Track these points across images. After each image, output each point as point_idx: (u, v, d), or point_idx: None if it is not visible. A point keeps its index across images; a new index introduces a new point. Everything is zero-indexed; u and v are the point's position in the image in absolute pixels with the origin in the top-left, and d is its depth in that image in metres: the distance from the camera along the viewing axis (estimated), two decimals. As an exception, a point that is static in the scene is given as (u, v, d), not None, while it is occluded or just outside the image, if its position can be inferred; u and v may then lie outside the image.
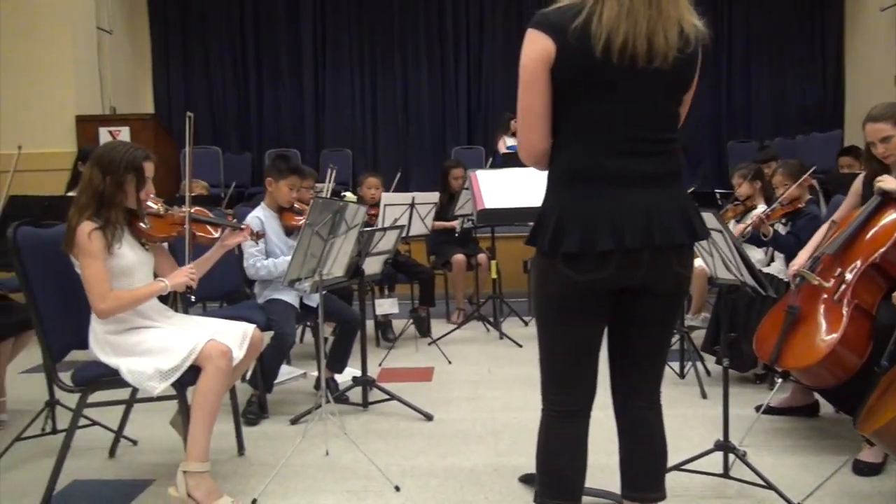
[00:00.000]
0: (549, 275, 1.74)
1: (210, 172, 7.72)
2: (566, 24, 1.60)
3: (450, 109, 8.79)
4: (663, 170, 1.70)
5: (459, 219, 5.21)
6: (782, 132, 8.45)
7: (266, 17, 8.67)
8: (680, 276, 1.75)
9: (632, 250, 1.65)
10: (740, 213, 4.16)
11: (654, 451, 1.88)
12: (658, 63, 1.62)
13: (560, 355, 1.80)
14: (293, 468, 2.75)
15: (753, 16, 8.70)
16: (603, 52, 1.59)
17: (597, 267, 1.67)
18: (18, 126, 6.62)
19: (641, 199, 1.66)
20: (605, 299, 1.74)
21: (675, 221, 1.69)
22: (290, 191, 3.58)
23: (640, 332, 1.81)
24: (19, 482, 2.71)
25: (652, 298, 1.75)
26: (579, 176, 1.69)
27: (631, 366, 1.85)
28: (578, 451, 1.82)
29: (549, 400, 1.83)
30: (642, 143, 1.68)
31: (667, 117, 1.73)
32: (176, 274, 2.56)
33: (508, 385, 3.85)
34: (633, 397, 1.86)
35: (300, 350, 4.66)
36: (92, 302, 2.38)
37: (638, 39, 1.59)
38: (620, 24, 1.59)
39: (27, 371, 4.18)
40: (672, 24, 1.62)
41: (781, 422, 3.18)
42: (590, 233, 1.65)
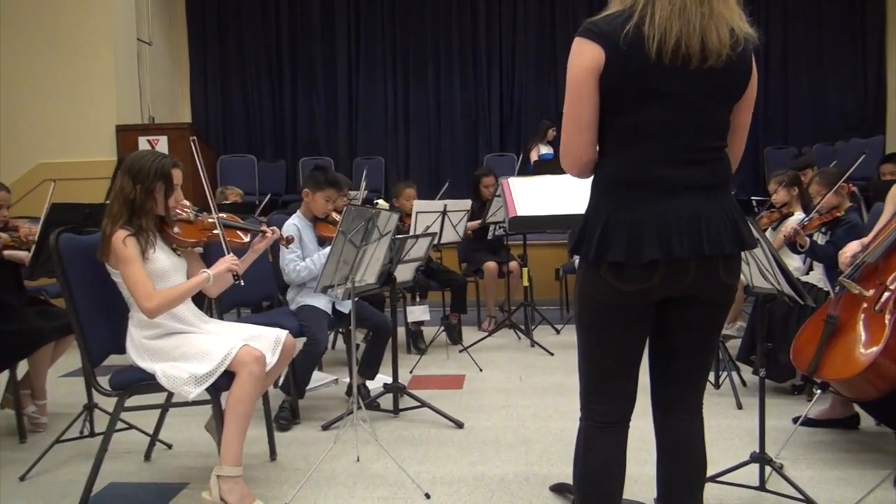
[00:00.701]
0: (594, 284, 1.71)
1: (245, 180, 7.85)
2: (617, 31, 1.58)
3: (482, 117, 8.81)
4: (712, 178, 1.67)
5: (491, 226, 5.21)
6: (821, 138, 8.28)
7: (301, 29, 8.79)
8: (726, 285, 1.72)
9: (679, 260, 1.63)
10: (776, 220, 4.08)
11: (695, 465, 1.83)
12: (711, 61, 1.59)
13: (602, 365, 1.78)
14: (324, 474, 2.77)
15: (791, 19, 8.56)
16: (657, 54, 1.57)
17: (643, 277, 1.65)
18: (61, 135, 6.82)
19: (690, 207, 1.63)
20: (649, 309, 1.72)
21: (724, 231, 1.65)
22: (326, 203, 3.62)
23: (685, 340, 1.78)
24: (58, 483, 2.77)
25: (697, 306, 1.73)
26: (627, 184, 1.66)
27: (674, 375, 1.82)
28: (617, 462, 1.79)
29: (590, 409, 1.80)
30: (692, 150, 1.65)
31: (717, 124, 1.69)
32: (218, 263, 2.58)
33: (540, 393, 3.83)
34: (675, 408, 1.83)
35: (332, 356, 4.69)
36: (139, 303, 2.42)
37: (691, 38, 1.57)
38: (673, 23, 1.56)
39: (67, 375, 4.28)
40: (723, 23, 1.59)
41: (820, 434, 3.11)
42: (636, 242, 1.62)
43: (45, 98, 6.88)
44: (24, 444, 3.20)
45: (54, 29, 6.86)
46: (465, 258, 5.69)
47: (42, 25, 6.85)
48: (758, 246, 2.27)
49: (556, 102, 8.59)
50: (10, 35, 6.85)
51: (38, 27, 6.85)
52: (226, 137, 8.84)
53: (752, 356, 3.63)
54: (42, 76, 6.86)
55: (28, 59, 6.86)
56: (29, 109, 6.88)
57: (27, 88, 6.87)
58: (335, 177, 3.77)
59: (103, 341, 2.58)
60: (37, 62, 6.86)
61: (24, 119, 6.88)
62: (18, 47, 6.86)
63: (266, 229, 2.88)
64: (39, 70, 6.86)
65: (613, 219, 1.65)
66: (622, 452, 1.80)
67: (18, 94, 6.88)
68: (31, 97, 6.88)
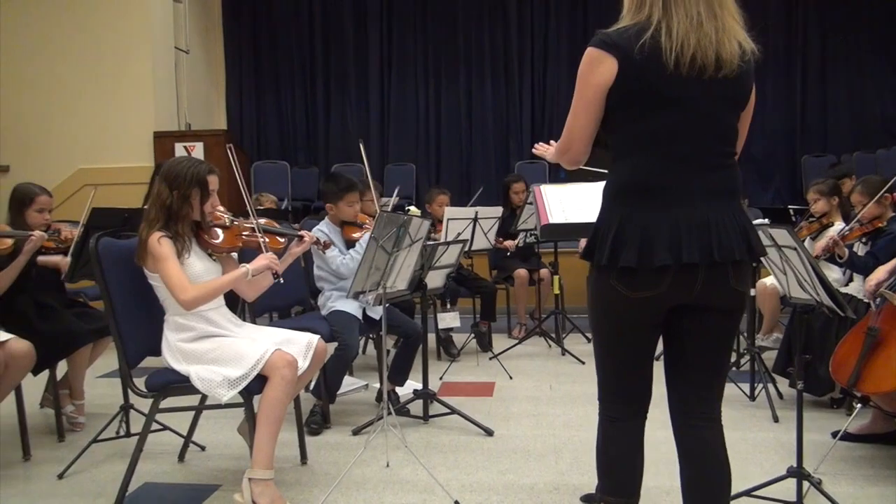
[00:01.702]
0: (603, 289, 1.75)
1: (278, 186, 7.93)
2: (631, 42, 1.63)
3: (513, 124, 8.79)
4: (723, 185, 1.71)
5: (521, 234, 5.19)
6: (861, 146, 8.08)
7: (334, 36, 8.88)
8: (737, 293, 1.73)
9: (689, 265, 1.65)
10: (815, 230, 3.99)
11: (716, 473, 1.82)
12: (726, 71, 1.65)
13: (614, 366, 1.85)
14: (354, 479, 2.78)
15: (829, 24, 8.38)
16: (675, 65, 1.62)
17: (651, 284, 1.68)
18: (100, 141, 6.98)
19: (701, 213, 1.66)
20: (658, 315, 1.75)
21: (735, 237, 1.68)
22: (350, 208, 3.64)
23: (697, 348, 1.80)
24: (95, 482, 2.82)
25: (708, 315, 1.75)
26: (639, 189, 1.70)
27: (689, 384, 1.83)
28: (634, 452, 1.85)
29: (605, 406, 1.88)
30: (704, 156, 1.69)
31: (727, 131, 1.74)
32: (257, 259, 2.60)
33: (570, 402, 3.80)
34: (691, 416, 1.83)
35: (362, 362, 4.71)
36: (175, 296, 2.45)
37: (707, 50, 1.63)
38: (691, 35, 1.63)
39: (104, 375, 4.37)
40: (733, 36, 1.67)
41: (861, 449, 3.03)
42: (647, 247, 1.65)
43: (86, 105, 7.04)
44: (63, 442, 3.27)
45: (95, 39, 7.02)
46: (495, 265, 5.67)
47: (83, 36, 7.02)
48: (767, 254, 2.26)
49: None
50: (53, 44, 7.03)
51: (79, 37, 7.02)
52: (259, 144, 8.94)
53: (788, 368, 3.55)
54: (82, 84, 7.03)
55: (69, 67, 7.04)
56: (70, 116, 7.05)
57: (69, 96, 7.04)
58: (349, 180, 3.78)
59: (140, 343, 2.63)
60: (77, 70, 7.03)
61: (66, 126, 7.05)
62: (60, 56, 7.04)
63: (303, 233, 2.91)
64: (80, 78, 7.03)
65: (626, 224, 1.68)
66: (638, 442, 1.86)
67: (60, 102, 7.05)
68: (72, 104, 7.05)
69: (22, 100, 7.06)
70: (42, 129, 7.08)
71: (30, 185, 3.36)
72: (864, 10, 8.30)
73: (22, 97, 7.06)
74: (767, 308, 4.36)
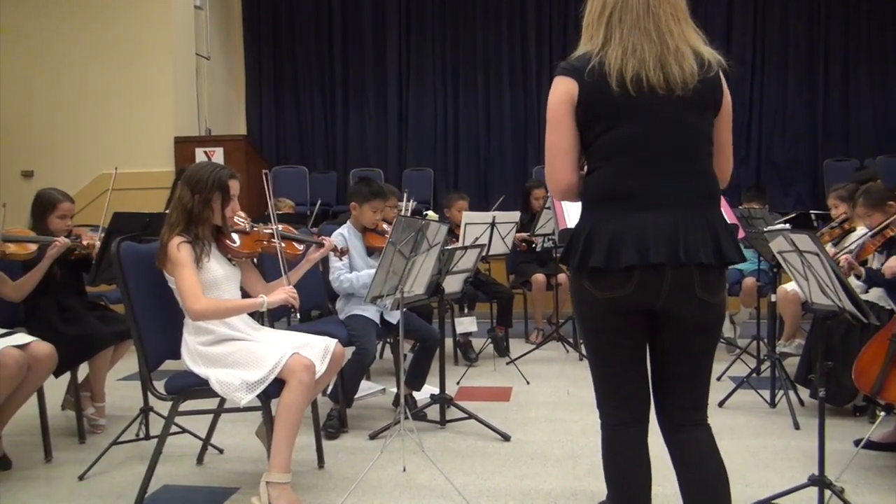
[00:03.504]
0: (579, 293, 1.82)
1: (297, 191, 7.99)
2: (584, 67, 1.73)
3: (531, 128, 8.77)
4: (693, 190, 1.74)
5: (539, 238, 5.18)
6: (885, 150, 7.96)
7: (353, 42, 8.93)
8: (704, 303, 1.74)
9: (655, 266, 1.68)
10: (837, 236, 3.93)
11: (710, 476, 1.81)
12: (679, 91, 1.70)
13: (602, 370, 1.88)
14: (371, 483, 2.78)
15: (852, 24, 8.26)
16: (618, 87, 1.70)
17: (618, 285, 1.72)
18: (122, 147, 7.07)
19: (668, 218, 1.71)
20: (633, 319, 1.78)
21: (703, 241, 1.70)
22: (373, 213, 3.66)
23: (672, 358, 1.83)
24: (115, 484, 2.85)
25: (678, 326, 1.78)
26: (609, 196, 1.76)
27: (667, 391, 1.86)
28: (638, 460, 1.86)
29: (603, 413, 1.90)
30: (670, 163, 1.73)
31: (697, 138, 1.77)
32: (277, 292, 2.64)
33: (588, 407, 3.73)
34: (674, 422, 1.85)
35: (379, 366, 4.72)
36: (185, 303, 2.48)
37: (650, 72, 1.70)
38: (627, 61, 1.70)
39: (125, 378, 4.41)
40: (685, 57, 1.71)
41: (884, 458, 2.98)
42: (615, 249, 1.70)
43: (108, 111, 7.14)
44: (83, 444, 3.31)
45: (118, 45, 7.12)
46: (513, 270, 5.66)
47: (106, 43, 7.13)
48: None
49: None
50: (76, 51, 7.15)
51: (102, 44, 7.13)
52: (278, 149, 9.01)
53: (810, 376, 3.50)
54: (105, 90, 7.13)
55: (92, 73, 7.15)
56: (92, 122, 7.16)
57: (91, 102, 7.15)
58: (380, 187, 3.80)
59: (160, 347, 2.65)
60: (100, 77, 7.14)
61: (88, 131, 7.16)
62: (83, 62, 7.15)
63: (322, 239, 2.93)
64: (103, 84, 7.13)
65: (595, 229, 1.75)
66: (641, 450, 1.86)
67: (83, 107, 7.16)
68: (94, 110, 7.15)
69: (46, 107, 7.18)
70: (66, 135, 7.19)
71: (52, 192, 3.40)
72: (888, 9, 8.19)
73: (46, 104, 7.18)
74: (788, 314, 4.30)
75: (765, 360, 4.03)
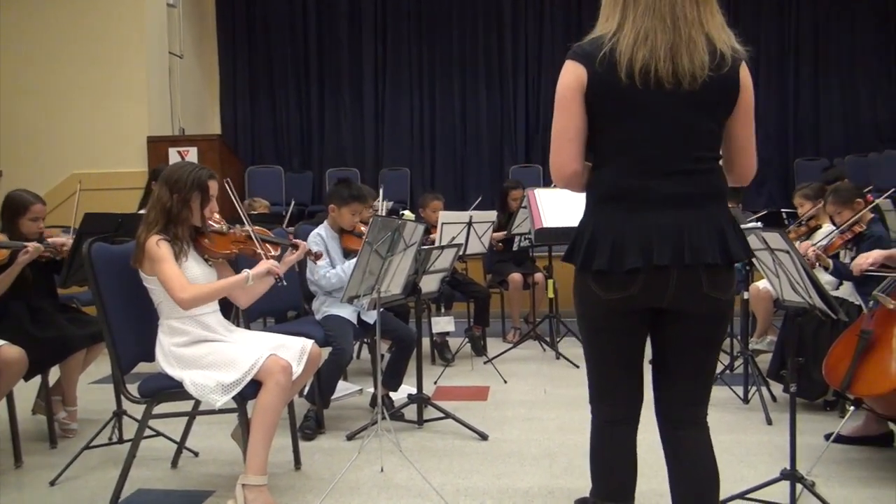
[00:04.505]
0: (582, 290, 1.80)
1: (272, 191, 7.93)
2: (595, 54, 1.67)
3: (507, 128, 8.80)
4: (698, 189, 1.71)
5: (516, 237, 5.20)
6: (853, 149, 8.12)
7: (328, 41, 8.89)
8: (712, 299, 1.72)
9: (660, 268, 1.66)
10: (804, 233, 4.01)
11: (704, 476, 1.82)
12: (686, 85, 1.65)
13: (601, 368, 1.86)
14: (348, 484, 2.77)
15: (822, 27, 8.42)
16: (627, 78, 1.65)
17: (622, 286, 1.70)
18: (94, 146, 6.97)
19: (673, 218, 1.68)
20: (636, 317, 1.77)
21: (708, 241, 1.68)
22: (352, 216, 3.65)
23: (679, 355, 1.81)
24: (87, 489, 2.81)
25: (685, 321, 1.76)
26: (613, 196, 1.73)
27: (674, 390, 1.83)
28: (627, 456, 1.85)
29: (596, 408, 1.89)
30: (675, 162, 1.70)
31: (703, 137, 1.72)
32: (259, 264, 2.62)
33: (565, 406, 3.80)
34: (678, 421, 1.84)
35: (356, 366, 4.70)
36: (173, 295, 2.45)
37: (659, 63, 1.64)
38: (638, 49, 1.64)
39: (97, 381, 4.35)
40: (696, 47, 1.65)
41: (853, 452, 3.04)
42: (619, 251, 1.68)
43: (79, 110, 7.03)
44: (55, 449, 3.25)
45: (89, 43, 7.02)
46: (490, 269, 5.68)
47: (76, 40, 7.02)
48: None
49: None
50: (46, 49, 7.03)
51: (72, 42, 7.02)
52: (254, 148, 8.94)
53: (782, 371, 3.56)
54: (76, 88, 7.02)
55: (63, 72, 7.03)
56: (63, 121, 7.04)
57: (62, 100, 7.03)
58: (360, 190, 3.79)
59: (133, 349, 2.62)
60: (71, 75, 7.03)
61: (59, 130, 7.04)
62: (53, 61, 7.03)
63: (297, 242, 2.92)
64: (73, 82, 7.02)
65: (599, 229, 1.72)
66: (630, 447, 1.86)
67: (53, 106, 7.04)
68: (65, 109, 7.04)
69: (15, 104, 7.04)
70: (36, 134, 7.06)
71: (24, 194, 3.33)
72: (857, 12, 8.35)
73: (15, 102, 7.04)
74: (760, 311, 4.37)
75: (738, 356, 4.09)
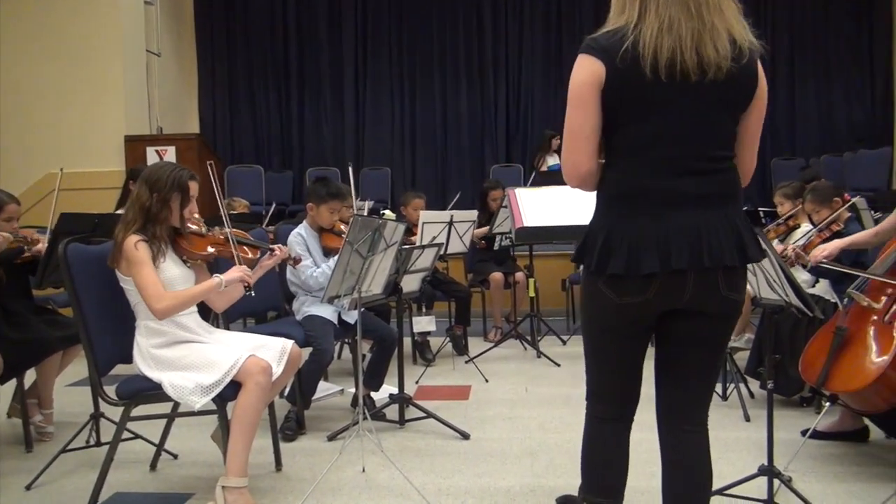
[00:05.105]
0: (593, 293, 1.75)
1: (252, 191, 7.88)
2: (616, 49, 1.61)
3: (488, 128, 8.82)
4: (716, 189, 1.67)
5: (497, 236, 5.21)
6: (829, 149, 8.25)
7: (308, 40, 8.85)
8: (728, 300, 1.70)
9: (677, 272, 1.63)
10: (782, 232, 4.06)
11: (699, 477, 1.82)
12: (711, 75, 1.60)
13: (603, 369, 1.83)
14: (330, 484, 2.76)
15: (798, 28, 8.54)
16: (652, 72, 1.59)
17: (638, 290, 1.66)
18: (70, 145, 6.87)
19: (691, 219, 1.64)
20: (648, 321, 1.74)
21: (726, 242, 1.65)
22: (330, 214, 3.63)
23: (689, 353, 1.78)
24: (64, 493, 2.77)
25: (700, 319, 1.73)
26: (628, 196, 1.68)
27: (678, 388, 1.81)
28: (620, 454, 1.84)
29: (592, 405, 1.86)
30: (694, 160, 1.66)
31: (722, 135, 1.70)
32: (231, 270, 2.61)
33: (546, 404, 3.81)
34: (679, 420, 1.82)
35: (337, 367, 4.69)
36: (149, 304, 2.43)
37: (685, 53, 1.59)
38: (663, 40, 1.58)
39: (74, 384, 4.29)
40: (719, 35, 1.61)
41: (829, 447, 3.08)
42: (635, 254, 1.64)
43: (55, 108, 6.93)
44: (31, 453, 3.21)
45: (65, 40, 6.91)
46: (471, 269, 5.69)
47: (52, 37, 6.91)
48: (764, 258, 2.26)
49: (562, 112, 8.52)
50: (21, 46, 6.91)
51: (48, 39, 6.91)
52: (233, 148, 8.88)
53: (760, 368, 3.60)
54: (52, 87, 6.91)
55: (38, 70, 6.92)
56: (39, 119, 6.93)
57: (38, 99, 6.92)
58: (337, 188, 3.77)
59: (110, 351, 2.59)
60: (47, 73, 6.92)
61: (35, 129, 6.92)
62: (29, 59, 6.92)
63: (275, 247, 2.92)
64: (49, 81, 6.91)
65: (615, 230, 1.67)
66: (624, 445, 1.85)
67: (29, 105, 6.93)
68: (41, 107, 6.93)
69: (-12, 103, 6.93)
70: (11, 133, 6.95)
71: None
72: (833, 15, 8.48)
73: (-12, 100, 6.93)
74: (739, 309, 4.41)
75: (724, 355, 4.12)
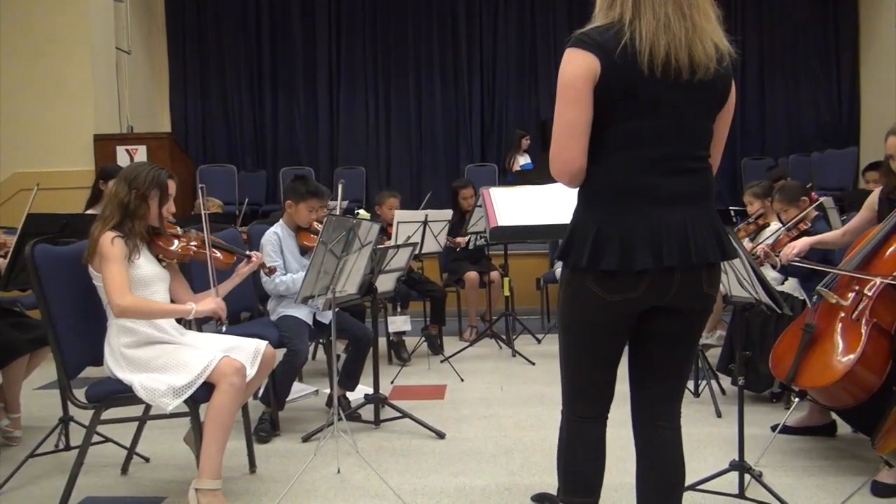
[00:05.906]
0: (579, 292, 1.74)
1: (225, 190, 7.80)
2: (611, 44, 1.62)
3: (463, 127, 8.84)
4: (699, 187, 1.72)
5: (471, 236, 5.22)
6: (797, 149, 8.41)
7: (281, 38, 8.78)
8: (707, 295, 1.75)
9: (667, 269, 1.66)
10: (752, 231, 4.12)
11: (673, 473, 1.85)
12: (701, 75, 1.64)
13: (582, 368, 1.83)
14: (304, 486, 2.74)
15: (767, 32, 8.69)
16: (649, 68, 1.61)
17: (629, 287, 1.68)
18: (38, 145, 6.74)
19: (678, 217, 1.67)
20: (631, 318, 1.76)
21: (708, 240, 1.69)
22: (309, 213, 3.61)
23: (665, 349, 1.81)
24: (33, 498, 2.71)
25: (677, 316, 1.76)
26: (617, 192, 1.69)
27: (653, 384, 1.84)
28: (597, 451, 1.85)
29: (569, 406, 1.86)
30: (680, 159, 1.69)
31: (706, 135, 1.75)
32: (206, 301, 2.60)
33: (521, 403, 3.83)
34: (653, 416, 1.85)
35: (312, 367, 4.66)
36: (111, 299, 2.41)
37: (679, 52, 1.62)
38: (660, 37, 1.61)
39: (42, 387, 4.21)
40: (707, 37, 1.65)
41: (798, 442, 3.14)
42: (628, 251, 1.65)
43: (22, 107, 6.79)
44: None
45: (32, 37, 6.78)
46: (446, 268, 5.69)
47: (19, 34, 6.78)
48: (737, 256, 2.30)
49: (536, 112, 8.65)
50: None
51: (14, 35, 6.77)
52: (206, 147, 8.78)
53: (731, 365, 3.65)
54: (19, 84, 6.77)
55: (4, 67, 6.78)
56: (5, 118, 6.78)
57: (4, 97, 6.78)
58: (317, 187, 3.76)
59: (79, 353, 2.55)
60: (13, 70, 6.78)
61: (1, 128, 6.78)
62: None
63: (251, 254, 2.90)
64: (16, 78, 6.77)
65: (605, 226, 1.67)
66: (601, 443, 1.86)
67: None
68: (7, 105, 6.78)
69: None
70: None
71: None
72: (801, 18, 8.64)
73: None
74: (710, 307, 4.47)
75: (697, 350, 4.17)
